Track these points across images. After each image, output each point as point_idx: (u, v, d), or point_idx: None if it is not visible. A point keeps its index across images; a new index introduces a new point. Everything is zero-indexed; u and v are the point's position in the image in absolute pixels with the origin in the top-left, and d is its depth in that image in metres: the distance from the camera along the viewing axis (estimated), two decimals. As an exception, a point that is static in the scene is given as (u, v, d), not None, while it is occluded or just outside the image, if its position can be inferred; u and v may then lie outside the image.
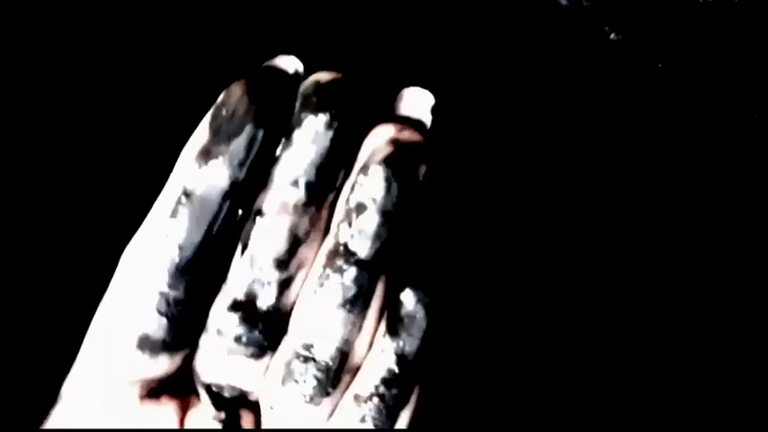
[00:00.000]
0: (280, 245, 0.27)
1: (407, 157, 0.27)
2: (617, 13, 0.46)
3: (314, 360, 0.27)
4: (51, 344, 0.35)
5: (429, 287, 0.28)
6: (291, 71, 0.28)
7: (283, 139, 0.27)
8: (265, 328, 0.28)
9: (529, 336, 0.44)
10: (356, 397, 0.28)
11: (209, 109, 0.28)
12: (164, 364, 0.27)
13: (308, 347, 0.27)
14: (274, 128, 0.27)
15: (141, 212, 0.28)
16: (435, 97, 0.30)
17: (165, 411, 0.29)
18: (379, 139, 0.27)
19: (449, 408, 0.41)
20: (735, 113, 0.46)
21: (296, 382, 0.27)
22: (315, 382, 0.27)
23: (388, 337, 0.28)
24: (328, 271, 0.27)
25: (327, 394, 0.27)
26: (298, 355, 0.27)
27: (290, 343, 0.28)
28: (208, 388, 0.29)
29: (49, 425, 0.29)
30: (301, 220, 0.27)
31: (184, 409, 0.29)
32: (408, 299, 0.28)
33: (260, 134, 0.27)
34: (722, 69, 0.46)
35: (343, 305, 0.27)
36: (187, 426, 0.29)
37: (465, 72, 0.45)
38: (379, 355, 0.28)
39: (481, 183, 0.44)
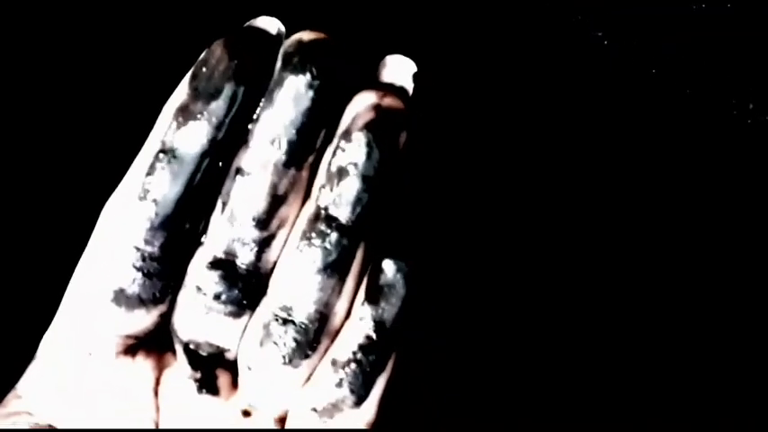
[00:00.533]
0: (260, 203, 0.27)
1: (389, 123, 0.27)
2: (610, 18, 0.46)
3: (293, 322, 0.27)
4: (30, 301, 0.36)
5: (409, 256, 0.28)
6: (273, 32, 0.28)
7: (264, 99, 0.27)
8: (244, 286, 0.27)
9: (515, 314, 0.43)
10: (334, 362, 0.28)
11: (189, 67, 0.28)
12: (140, 320, 0.27)
13: (287, 309, 0.27)
14: (255, 87, 0.27)
15: (122, 169, 0.28)
16: (418, 65, 0.30)
17: (142, 369, 0.29)
18: (361, 105, 0.27)
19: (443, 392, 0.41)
20: (731, 116, 0.45)
21: (274, 343, 0.27)
22: (293, 344, 0.27)
23: (367, 305, 0.28)
24: (309, 234, 0.27)
25: (306, 356, 0.27)
26: (276, 317, 0.27)
27: (269, 304, 0.27)
28: (185, 346, 0.28)
29: (23, 381, 0.29)
30: (281, 179, 0.27)
31: (161, 368, 0.29)
32: (388, 267, 0.28)
33: (240, 93, 0.26)
34: (717, 72, 0.46)
35: (324, 269, 0.27)
36: (162, 384, 0.29)
37: (450, 42, 0.44)
38: (357, 322, 0.28)
39: (465, 155, 0.44)
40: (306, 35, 0.27)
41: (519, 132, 0.45)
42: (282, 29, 0.28)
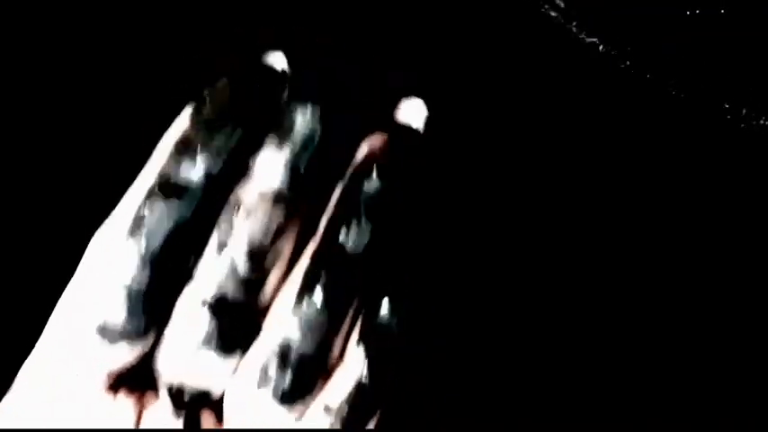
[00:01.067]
0: (256, 237, 0.27)
1: (400, 163, 0.28)
2: (605, 25, 0.45)
3: (290, 363, 0.27)
4: (13, 330, 0.35)
5: (404, 298, 0.28)
6: (278, 69, 0.28)
7: (268, 134, 0.27)
8: (236, 326, 0.27)
9: (511, 345, 0.44)
10: (326, 408, 0.28)
11: (190, 101, 0.28)
12: (123, 355, 0.27)
13: (286, 349, 0.27)
14: (256, 126, 0.27)
15: (116, 199, 0.28)
16: (429, 109, 0.30)
17: (122, 406, 0.28)
18: (374, 145, 0.28)
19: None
20: (724, 121, 0.45)
21: (271, 384, 0.27)
22: (290, 386, 0.27)
23: (361, 347, 0.28)
24: (309, 274, 0.27)
25: (301, 398, 0.27)
26: (274, 357, 0.27)
27: (266, 344, 0.27)
28: (169, 387, 0.28)
29: None
30: (280, 213, 0.27)
31: (142, 405, 0.29)
32: (384, 308, 0.28)
33: (239, 132, 0.26)
34: (710, 76, 0.46)
35: (324, 309, 0.27)
36: (143, 423, 0.29)
37: (455, 81, 0.44)
38: (350, 365, 0.28)
39: (471, 195, 0.44)
40: (313, 72, 0.28)
41: (526, 171, 0.45)
42: (286, 65, 0.28)
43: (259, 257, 0.27)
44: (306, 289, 0.27)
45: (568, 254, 0.44)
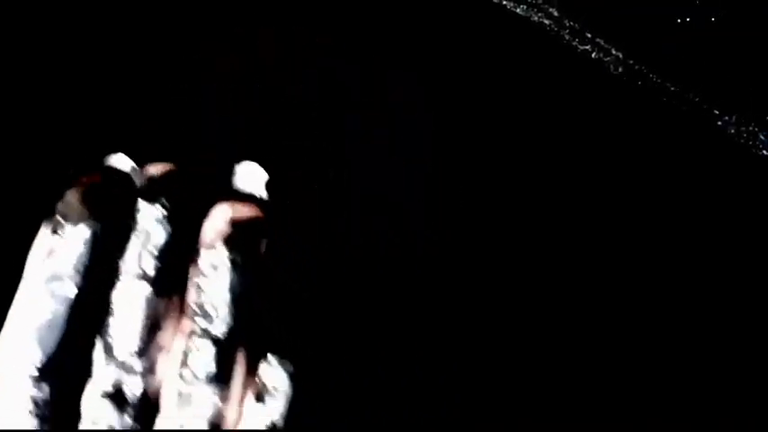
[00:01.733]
0: (136, 336, 0.26)
1: (247, 234, 0.26)
2: (598, 33, 0.46)
3: None
4: None
5: (290, 357, 0.28)
6: (126, 168, 0.27)
7: (125, 235, 0.26)
8: (136, 412, 0.26)
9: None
10: None
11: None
12: None
13: (182, 424, 0.27)
14: (112, 226, 0.26)
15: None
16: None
17: None
18: (218, 220, 0.26)
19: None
20: (714, 126, 0.46)
21: None
22: None
23: (258, 404, 0.27)
24: (189, 352, 0.26)
25: None
26: None
27: (165, 420, 0.27)
28: None
29: None
30: (153, 309, 0.26)
31: None
32: (272, 370, 0.27)
33: (97, 235, 0.25)
34: (700, 84, 0.46)
35: (209, 381, 0.26)
36: None
37: (453, 85, 0.45)
38: (251, 420, 0.27)
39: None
40: (154, 169, 0.27)
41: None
42: (131, 164, 0.27)
43: (144, 352, 0.26)
44: (185, 370, 0.26)
45: (560, 252, 0.44)
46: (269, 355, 0.28)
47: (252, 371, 0.27)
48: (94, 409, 0.26)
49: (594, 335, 0.38)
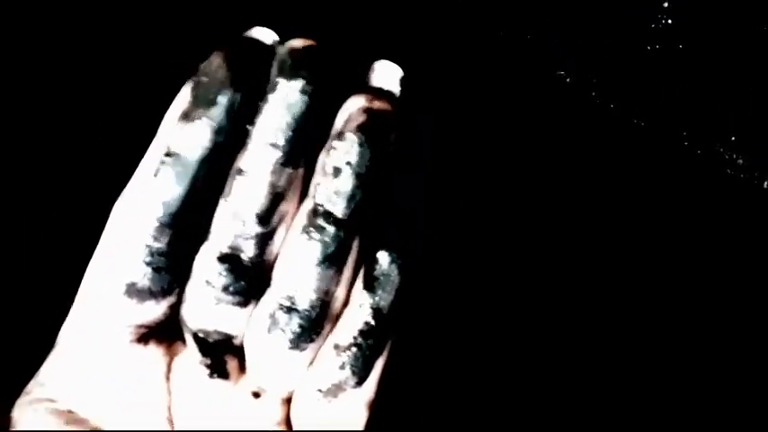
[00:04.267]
0: (260, 201, 0.29)
1: (379, 124, 0.29)
2: (573, 59, 0.49)
3: (296, 310, 0.29)
4: (48, 293, 0.37)
5: (402, 248, 0.30)
6: (268, 41, 0.30)
7: (261, 104, 0.29)
8: (249, 278, 0.29)
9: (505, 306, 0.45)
10: (336, 346, 0.30)
11: (188, 66, 0.30)
12: (150, 311, 0.29)
13: (291, 299, 0.29)
14: (251, 93, 0.29)
15: (130, 168, 0.30)
16: (405, 69, 0.32)
17: (154, 355, 0.31)
18: (352, 108, 0.29)
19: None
20: (682, 147, 0.49)
21: (281, 330, 0.29)
22: (298, 330, 0.29)
23: (365, 293, 0.30)
24: (307, 229, 0.29)
25: (310, 341, 0.29)
26: (281, 306, 0.29)
27: (274, 294, 0.29)
28: (194, 334, 0.30)
29: (44, 369, 0.31)
30: (279, 178, 0.29)
31: (171, 354, 0.31)
32: (383, 258, 0.30)
33: (237, 99, 0.29)
34: (670, 105, 0.50)
35: (323, 261, 0.29)
36: (174, 371, 0.31)
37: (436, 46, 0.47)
38: (356, 309, 0.30)
39: (456, 153, 0.46)
40: (297, 43, 0.30)
41: (509, 131, 0.47)
42: (276, 38, 0.30)
43: (264, 219, 0.29)
44: (303, 244, 0.29)
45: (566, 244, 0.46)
46: (381, 243, 0.30)
47: (364, 257, 0.30)
48: (207, 269, 0.29)
49: (595, 335, 0.39)
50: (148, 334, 0.30)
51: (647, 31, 0.52)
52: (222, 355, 0.30)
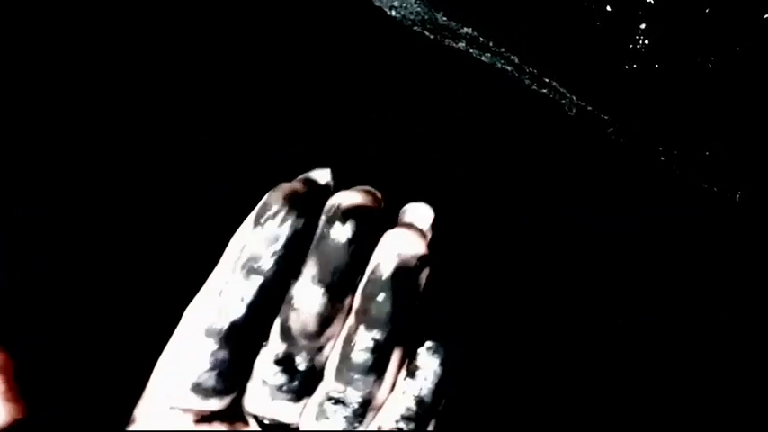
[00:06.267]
0: (309, 328, 0.32)
1: (412, 264, 0.32)
2: (555, 78, 0.51)
3: (343, 403, 0.32)
4: (138, 339, 0.39)
5: (442, 342, 0.33)
6: (323, 182, 0.33)
7: (313, 244, 0.32)
8: (302, 379, 0.32)
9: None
10: (379, 428, 0.32)
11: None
12: (214, 405, 0.32)
13: (340, 393, 0.32)
14: (307, 228, 0.32)
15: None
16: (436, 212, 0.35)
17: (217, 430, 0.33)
18: (384, 253, 0.32)
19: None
20: (658, 162, 0.51)
21: (327, 419, 0.32)
22: (344, 421, 0.32)
23: (408, 380, 0.33)
24: (351, 346, 0.32)
25: (354, 427, 0.32)
26: (329, 398, 0.32)
27: (324, 389, 0.32)
28: (255, 417, 0.33)
29: None
30: (326, 309, 0.32)
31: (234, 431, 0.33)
32: (424, 350, 0.33)
33: (295, 232, 0.31)
34: (645, 121, 0.52)
35: (367, 370, 0.32)
36: None
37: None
38: (400, 396, 0.33)
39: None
40: (346, 195, 0.32)
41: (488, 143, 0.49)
42: (330, 180, 0.34)
43: (315, 338, 0.32)
44: (348, 358, 0.32)
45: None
46: (424, 339, 0.33)
47: (406, 356, 0.33)
48: (266, 370, 0.32)
49: (595, 335, 0.40)
50: (213, 416, 0.33)
51: (624, 52, 0.53)
52: None
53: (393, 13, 0.51)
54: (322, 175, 0.34)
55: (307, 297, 0.32)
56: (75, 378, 0.38)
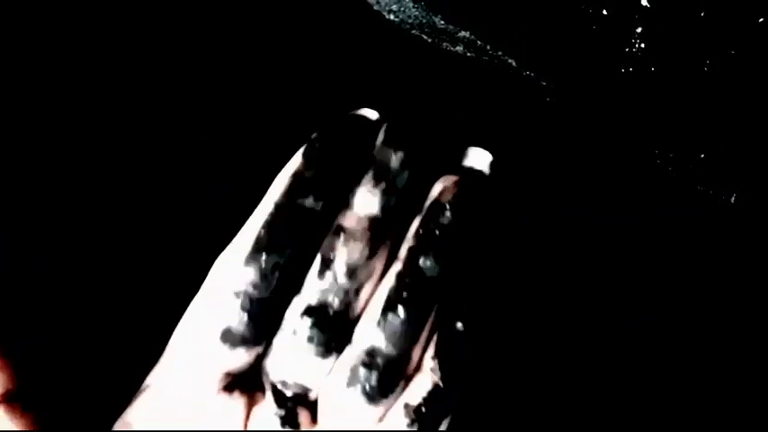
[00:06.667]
0: (353, 256, 0.31)
1: (471, 199, 0.32)
2: (555, 76, 0.51)
3: (376, 366, 0.31)
4: (138, 339, 0.39)
5: (473, 320, 0.33)
6: (373, 118, 0.33)
7: (366, 171, 0.32)
8: (334, 331, 0.31)
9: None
10: (406, 405, 0.32)
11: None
12: (240, 358, 0.31)
13: (372, 356, 0.31)
14: (356, 164, 0.32)
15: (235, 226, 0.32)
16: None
17: (235, 404, 0.32)
18: (447, 182, 0.32)
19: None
20: (654, 165, 0.52)
21: (360, 384, 0.31)
22: (376, 385, 0.31)
23: (436, 359, 0.32)
24: (395, 290, 0.31)
25: (385, 397, 0.31)
26: (362, 362, 0.31)
27: (355, 350, 0.31)
28: (273, 387, 0.32)
29: (131, 410, 0.32)
30: (375, 236, 0.31)
31: (251, 404, 0.33)
32: (455, 328, 0.32)
33: (344, 165, 0.31)
34: (642, 124, 0.52)
35: (407, 321, 0.31)
36: (251, 419, 0.32)
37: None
38: (427, 372, 0.32)
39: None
40: (401, 122, 0.33)
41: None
42: (378, 116, 0.33)
43: (355, 273, 0.31)
44: (391, 304, 0.31)
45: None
46: (456, 314, 0.32)
47: (438, 325, 0.32)
48: (297, 320, 0.31)
49: (595, 335, 0.40)
50: (234, 383, 0.32)
51: (621, 55, 0.54)
52: (296, 407, 0.32)
53: (391, 16, 0.52)
54: (370, 113, 0.33)
55: (355, 224, 0.31)
56: (74, 378, 0.38)
